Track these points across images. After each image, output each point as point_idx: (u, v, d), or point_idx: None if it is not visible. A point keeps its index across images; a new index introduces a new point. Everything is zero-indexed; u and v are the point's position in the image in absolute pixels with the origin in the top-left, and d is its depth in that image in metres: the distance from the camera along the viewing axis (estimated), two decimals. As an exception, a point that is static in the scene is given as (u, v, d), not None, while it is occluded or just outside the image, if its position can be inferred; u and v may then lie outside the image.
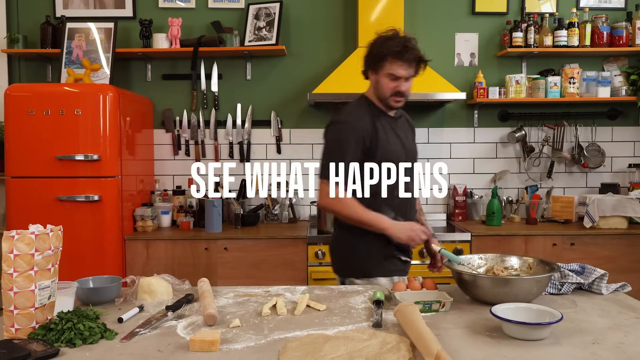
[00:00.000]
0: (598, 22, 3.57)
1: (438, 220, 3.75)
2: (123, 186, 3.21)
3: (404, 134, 2.10)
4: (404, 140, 2.07)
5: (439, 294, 1.63)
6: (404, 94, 2.00)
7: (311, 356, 1.21)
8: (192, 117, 3.77)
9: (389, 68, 1.95)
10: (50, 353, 1.24)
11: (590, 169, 3.79)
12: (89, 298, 1.64)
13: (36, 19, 3.68)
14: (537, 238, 3.24)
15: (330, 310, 1.58)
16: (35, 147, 3.05)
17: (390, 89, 1.98)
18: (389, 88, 1.98)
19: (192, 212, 3.52)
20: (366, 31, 3.50)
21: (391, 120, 2.06)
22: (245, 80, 3.79)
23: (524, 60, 3.77)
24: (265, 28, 3.59)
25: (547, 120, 3.77)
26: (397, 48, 1.92)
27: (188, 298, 1.65)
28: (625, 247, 3.25)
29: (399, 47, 1.92)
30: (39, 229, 1.36)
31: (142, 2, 3.74)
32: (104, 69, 3.42)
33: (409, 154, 2.09)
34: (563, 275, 1.73)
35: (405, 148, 2.07)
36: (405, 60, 1.93)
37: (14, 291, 1.32)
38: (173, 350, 1.29)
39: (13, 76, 3.76)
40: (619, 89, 3.64)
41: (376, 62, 1.97)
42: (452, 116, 3.83)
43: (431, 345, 1.18)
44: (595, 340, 1.32)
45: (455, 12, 3.78)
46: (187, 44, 3.55)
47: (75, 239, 3.00)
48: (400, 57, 1.93)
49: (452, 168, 3.83)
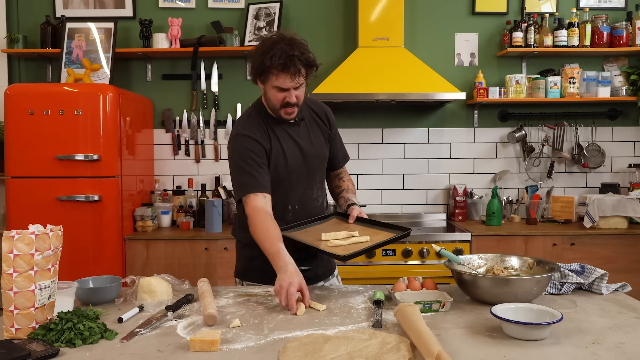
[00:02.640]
0: (598, 22, 3.57)
1: (438, 220, 3.75)
2: (123, 186, 3.21)
3: (306, 140, 1.99)
4: (303, 147, 1.97)
5: (439, 294, 1.63)
6: (294, 104, 1.86)
7: (311, 356, 1.21)
8: (192, 117, 3.77)
9: (275, 81, 1.80)
10: (50, 353, 1.23)
11: (590, 169, 3.79)
12: (89, 298, 1.64)
13: (36, 19, 3.68)
14: (537, 238, 3.24)
15: (330, 310, 1.58)
16: (35, 147, 3.05)
17: (279, 101, 1.85)
18: (277, 100, 1.85)
19: (192, 212, 3.52)
20: (366, 31, 3.50)
21: (289, 128, 1.96)
22: (245, 80, 3.79)
23: (524, 60, 3.77)
24: (265, 28, 3.59)
25: (547, 120, 3.77)
26: (280, 60, 1.75)
27: (188, 298, 1.65)
28: (625, 247, 3.25)
29: (282, 58, 1.75)
30: (39, 229, 1.36)
31: (142, 2, 3.74)
32: (104, 69, 3.42)
33: (311, 159, 2.00)
34: (563, 275, 1.73)
35: (305, 154, 1.97)
36: (290, 72, 1.78)
37: (14, 291, 1.32)
38: (173, 350, 1.29)
39: (13, 76, 3.76)
40: (619, 89, 3.64)
41: (261, 73, 1.82)
42: (452, 116, 3.83)
43: (431, 345, 1.18)
44: (595, 340, 1.32)
45: (455, 12, 3.78)
46: (187, 44, 3.54)
47: (75, 239, 3.00)
48: (285, 70, 1.77)
49: (452, 168, 3.83)
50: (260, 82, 1.87)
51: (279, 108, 1.88)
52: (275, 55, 1.76)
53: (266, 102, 1.93)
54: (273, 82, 1.81)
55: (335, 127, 2.13)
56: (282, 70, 1.78)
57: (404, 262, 3.17)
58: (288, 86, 1.81)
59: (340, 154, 2.17)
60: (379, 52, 3.46)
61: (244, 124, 1.94)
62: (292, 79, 1.80)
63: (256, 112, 1.97)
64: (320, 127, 2.06)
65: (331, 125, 2.11)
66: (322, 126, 2.07)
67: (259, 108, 1.98)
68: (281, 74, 1.78)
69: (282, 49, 1.76)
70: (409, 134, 3.82)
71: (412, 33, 3.74)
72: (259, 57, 1.80)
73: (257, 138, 1.88)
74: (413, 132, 3.82)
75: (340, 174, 2.20)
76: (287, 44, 1.78)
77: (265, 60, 1.77)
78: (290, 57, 1.76)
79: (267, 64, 1.77)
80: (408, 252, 3.15)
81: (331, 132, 2.10)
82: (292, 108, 1.88)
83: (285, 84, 1.81)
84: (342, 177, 2.19)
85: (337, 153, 2.15)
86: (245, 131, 1.90)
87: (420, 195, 3.84)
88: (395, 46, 3.50)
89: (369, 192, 3.83)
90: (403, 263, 3.17)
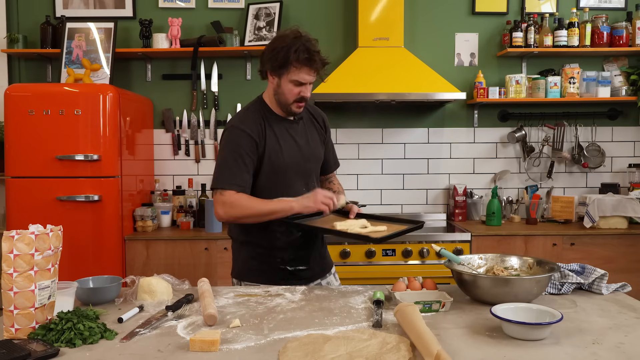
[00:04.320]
0: (598, 22, 3.57)
1: (438, 220, 3.75)
2: (123, 186, 3.21)
3: (304, 138, 2.03)
4: (301, 145, 2.01)
5: (439, 294, 1.63)
6: (307, 99, 1.94)
7: (311, 356, 1.21)
8: (192, 117, 3.77)
9: (295, 74, 1.86)
10: (50, 353, 1.23)
11: (590, 169, 3.79)
12: (89, 298, 1.63)
13: (36, 19, 3.68)
14: (537, 238, 3.24)
15: (330, 310, 1.58)
16: (35, 147, 3.05)
17: (294, 95, 1.90)
18: (292, 94, 1.90)
19: (192, 212, 3.52)
20: (366, 31, 3.50)
21: (288, 125, 2.00)
22: (245, 80, 3.79)
23: (524, 60, 3.77)
24: (265, 28, 3.59)
25: (547, 120, 3.77)
26: (305, 55, 1.83)
27: (188, 298, 1.65)
28: (625, 247, 3.25)
29: (307, 53, 1.84)
30: (39, 229, 1.36)
31: (142, 2, 3.74)
32: (104, 69, 3.42)
33: (305, 158, 2.02)
34: (563, 275, 1.73)
35: (301, 152, 2.00)
36: (313, 67, 1.86)
37: (14, 291, 1.32)
38: (173, 350, 1.29)
39: (13, 76, 3.76)
40: (619, 89, 3.64)
41: (280, 66, 1.86)
42: (452, 116, 3.83)
43: (431, 345, 1.18)
44: (595, 340, 1.32)
45: (455, 12, 3.78)
46: (187, 44, 3.55)
47: (75, 239, 3.00)
48: (308, 64, 1.85)
49: (452, 168, 3.83)
50: (276, 76, 1.91)
51: (291, 103, 1.92)
52: (300, 50, 1.83)
53: (275, 97, 1.96)
54: (292, 75, 1.87)
55: (329, 132, 2.19)
56: (305, 65, 1.85)
57: (404, 262, 3.17)
58: (306, 80, 1.88)
59: (332, 159, 2.22)
60: (379, 52, 3.46)
61: (242, 117, 1.97)
62: (312, 74, 1.88)
63: (255, 108, 1.99)
64: (317, 129, 2.12)
65: (326, 129, 2.17)
66: (318, 128, 2.12)
67: (259, 104, 2.00)
68: (304, 68, 1.86)
69: (304, 44, 1.84)
70: (409, 134, 3.82)
71: (412, 33, 3.74)
72: (282, 51, 1.84)
73: (251, 133, 1.91)
74: (413, 132, 3.82)
75: (330, 178, 2.25)
76: (307, 41, 1.86)
77: (290, 54, 1.83)
78: (313, 53, 1.85)
79: (291, 57, 1.83)
80: (408, 252, 3.15)
81: (326, 135, 2.16)
82: (303, 102, 1.94)
83: (304, 78, 1.88)
84: (332, 181, 2.25)
85: (330, 158, 2.20)
86: (241, 125, 1.93)
87: (420, 195, 3.84)
88: (395, 46, 3.50)
89: (369, 192, 3.83)
90: (403, 263, 3.17)
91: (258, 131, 1.92)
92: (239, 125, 1.93)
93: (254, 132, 1.91)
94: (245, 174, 1.89)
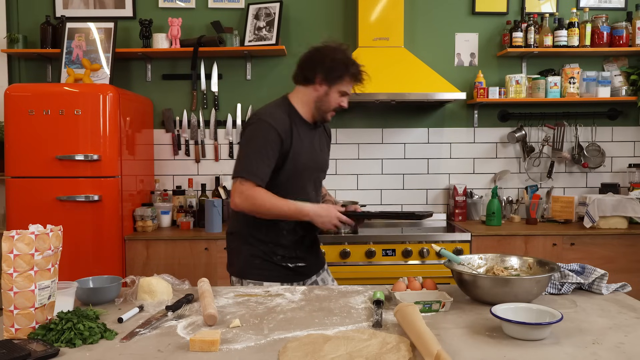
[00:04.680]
0: (598, 22, 3.57)
1: (438, 220, 3.75)
2: (123, 186, 3.21)
3: (319, 145, 2.12)
4: (317, 151, 2.09)
5: (439, 294, 1.63)
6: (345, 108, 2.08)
7: (311, 356, 1.21)
8: (192, 117, 3.77)
9: (345, 86, 2.01)
10: (50, 353, 1.23)
11: (590, 169, 3.79)
12: (89, 298, 1.64)
13: (36, 19, 3.68)
14: (537, 238, 3.24)
15: (330, 310, 1.58)
16: (35, 147, 3.05)
17: (336, 104, 2.03)
18: (336, 103, 2.03)
19: (192, 212, 3.52)
20: (366, 31, 3.50)
21: (309, 129, 2.07)
22: (245, 80, 3.79)
23: (524, 60, 3.77)
24: (265, 28, 3.59)
25: (547, 120, 3.77)
26: (356, 70, 2.00)
27: (188, 298, 1.65)
28: (625, 247, 3.25)
29: (357, 70, 2.00)
30: (38, 229, 1.36)
31: (142, 2, 3.74)
32: (104, 69, 3.42)
33: (318, 165, 2.12)
34: (563, 275, 1.73)
35: (316, 158, 2.09)
36: (358, 82, 2.03)
37: (14, 291, 1.32)
38: (173, 350, 1.29)
39: (13, 76, 3.76)
40: (619, 89, 3.64)
41: (335, 77, 1.99)
42: (452, 116, 3.83)
43: (431, 345, 1.18)
44: (595, 340, 1.32)
45: (455, 12, 3.78)
46: (187, 44, 3.54)
47: (75, 239, 3.00)
48: (357, 80, 2.02)
49: (452, 168, 3.83)
50: (326, 84, 1.99)
51: (330, 110, 2.03)
52: (355, 65, 2.01)
53: (317, 103, 2.02)
54: (342, 86, 2.01)
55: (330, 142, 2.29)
56: (355, 80, 2.02)
57: (404, 262, 3.17)
58: (350, 92, 2.05)
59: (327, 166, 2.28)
60: (379, 52, 3.46)
61: (271, 112, 2.00)
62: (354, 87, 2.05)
63: (283, 107, 2.04)
64: (325, 137, 2.21)
65: (330, 138, 2.27)
66: (326, 137, 2.22)
67: (286, 105, 2.05)
68: (353, 81, 2.02)
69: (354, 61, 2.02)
70: (409, 134, 3.82)
71: (412, 33, 3.74)
72: (341, 63, 1.98)
73: (279, 130, 1.94)
74: (413, 132, 3.82)
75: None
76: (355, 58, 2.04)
77: (349, 68, 1.98)
78: (361, 71, 2.02)
79: (350, 71, 1.99)
80: (408, 252, 3.15)
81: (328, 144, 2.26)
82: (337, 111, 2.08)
83: (350, 90, 2.04)
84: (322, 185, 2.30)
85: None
86: (269, 119, 1.96)
87: (420, 195, 3.84)
88: (395, 46, 3.50)
89: (369, 192, 3.83)
90: (403, 263, 3.17)
91: (285, 129, 1.96)
92: (268, 119, 1.96)
93: (282, 129, 1.95)
94: (266, 167, 1.93)
